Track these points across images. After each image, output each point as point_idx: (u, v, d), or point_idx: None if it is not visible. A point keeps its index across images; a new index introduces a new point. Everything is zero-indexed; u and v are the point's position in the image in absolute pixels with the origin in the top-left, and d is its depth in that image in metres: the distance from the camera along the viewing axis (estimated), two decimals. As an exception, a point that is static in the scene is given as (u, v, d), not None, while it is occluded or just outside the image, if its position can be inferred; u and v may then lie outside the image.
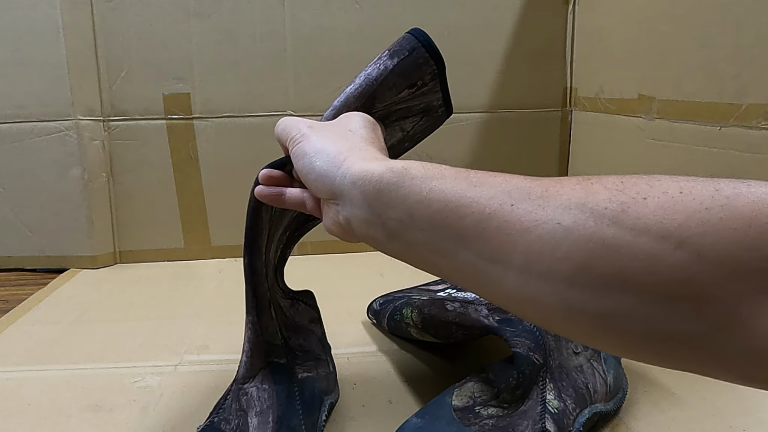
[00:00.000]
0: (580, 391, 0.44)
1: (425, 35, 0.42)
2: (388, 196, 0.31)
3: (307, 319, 0.50)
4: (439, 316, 0.54)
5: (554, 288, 0.25)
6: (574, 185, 0.25)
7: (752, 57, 0.56)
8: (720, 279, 0.21)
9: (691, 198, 0.22)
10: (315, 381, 0.46)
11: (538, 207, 0.25)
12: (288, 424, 0.41)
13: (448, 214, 0.28)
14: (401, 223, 0.30)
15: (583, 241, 0.24)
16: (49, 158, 0.87)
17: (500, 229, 0.26)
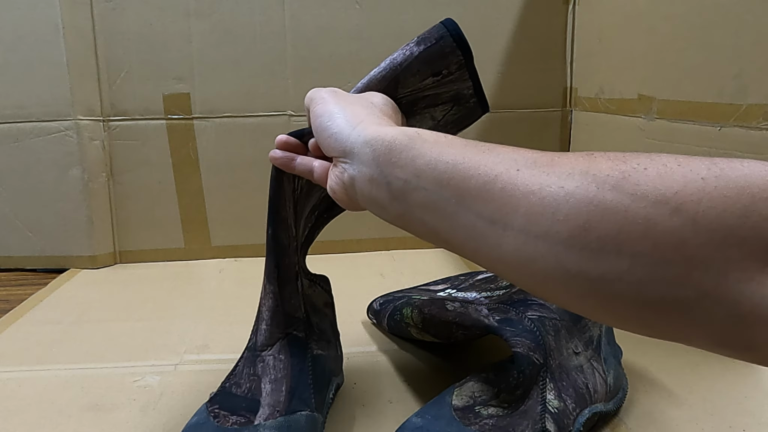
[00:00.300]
0: (580, 391, 0.44)
1: (455, 25, 0.43)
2: (398, 156, 0.32)
3: (322, 302, 0.52)
4: (439, 316, 0.54)
5: (551, 250, 0.25)
6: (579, 157, 0.26)
7: (752, 57, 0.56)
8: (711, 244, 0.22)
9: (688, 169, 0.23)
10: (326, 360, 0.48)
11: (542, 173, 0.26)
12: (300, 396, 0.43)
13: (454, 175, 0.29)
14: (407, 183, 0.31)
15: (583, 204, 0.24)
16: (49, 158, 0.87)
17: (504, 190, 0.27)
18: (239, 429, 0.40)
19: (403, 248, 0.98)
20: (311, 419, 0.43)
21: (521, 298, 0.49)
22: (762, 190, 0.22)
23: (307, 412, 0.42)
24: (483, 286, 0.59)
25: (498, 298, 0.52)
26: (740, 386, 0.53)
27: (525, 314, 0.46)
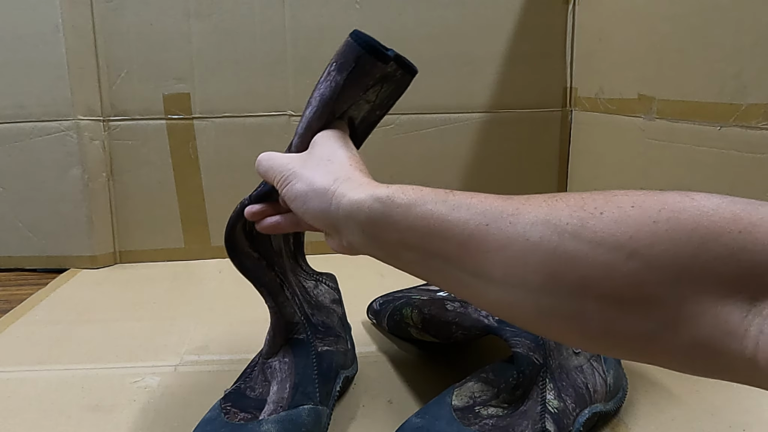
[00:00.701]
0: (580, 391, 0.44)
1: (366, 39, 0.42)
2: (380, 225, 0.34)
3: (329, 300, 0.55)
4: (439, 316, 0.54)
5: (528, 296, 0.28)
6: (541, 203, 0.29)
7: (752, 57, 0.56)
8: (666, 284, 0.24)
9: (641, 212, 0.25)
10: (333, 355, 0.50)
11: (509, 225, 0.29)
12: (303, 391, 0.45)
13: (433, 238, 0.31)
14: (395, 246, 0.34)
15: (548, 255, 0.27)
16: (49, 158, 0.87)
17: (479, 248, 0.29)
18: (245, 424, 0.42)
19: (403, 248, 0.97)
20: (314, 412, 0.44)
21: None
22: (709, 231, 0.24)
23: (310, 405, 0.44)
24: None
25: None
26: (740, 386, 0.53)
27: None
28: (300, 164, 0.40)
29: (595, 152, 0.89)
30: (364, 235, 0.35)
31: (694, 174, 0.65)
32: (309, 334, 0.49)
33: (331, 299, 0.55)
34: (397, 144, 0.94)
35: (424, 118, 0.94)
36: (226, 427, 0.42)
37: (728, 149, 0.59)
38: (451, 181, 0.96)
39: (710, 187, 0.62)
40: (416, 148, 0.95)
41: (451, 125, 0.94)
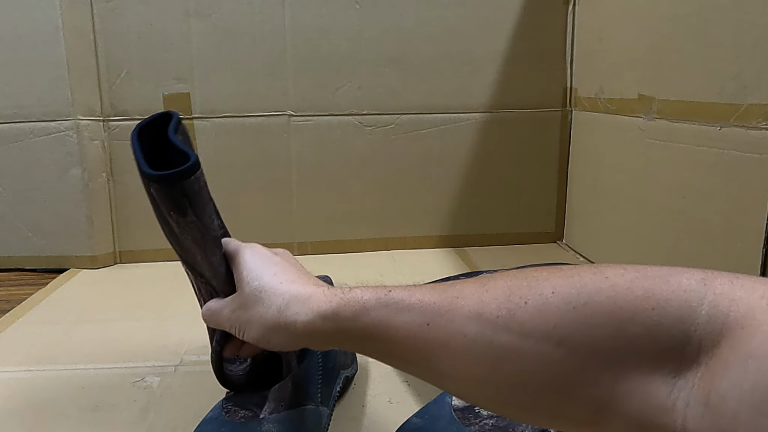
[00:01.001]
0: None
1: (149, 174, 0.43)
2: (336, 339, 0.36)
3: None
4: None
5: (476, 388, 0.30)
6: (473, 293, 0.30)
7: (752, 57, 0.56)
8: (595, 367, 0.25)
9: (560, 298, 0.27)
10: (336, 354, 0.50)
11: (448, 322, 0.30)
12: (305, 390, 0.44)
13: (381, 344, 0.33)
14: (356, 349, 0.37)
15: (485, 349, 0.28)
16: (49, 158, 0.87)
17: (424, 348, 0.31)
18: (245, 422, 0.42)
19: (403, 248, 0.97)
20: (315, 413, 0.44)
21: None
22: (625, 311, 0.25)
23: (311, 406, 0.44)
24: None
25: None
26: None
27: None
28: (242, 310, 0.40)
29: (595, 152, 0.89)
30: (327, 344, 0.38)
31: (694, 174, 0.65)
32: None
33: None
34: (397, 144, 0.94)
35: (424, 118, 0.94)
36: (226, 426, 0.41)
37: (728, 149, 0.59)
38: (452, 181, 0.96)
39: (710, 187, 0.62)
40: (416, 148, 0.95)
41: (451, 125, 0.94)
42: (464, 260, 0.92)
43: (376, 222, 0.96)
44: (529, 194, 0.99)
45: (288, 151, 0.92)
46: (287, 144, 0.92)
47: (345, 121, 0.92)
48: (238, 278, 0.42)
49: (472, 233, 0.99)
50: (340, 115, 0.92)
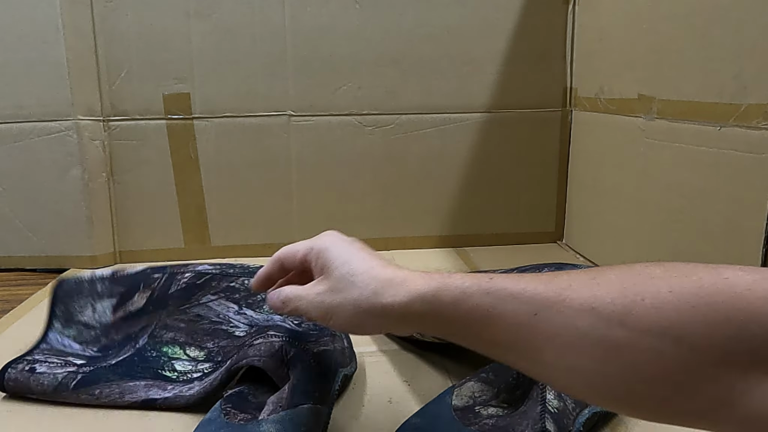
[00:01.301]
0: None
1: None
2: (431, 323, 0.36)
3: None
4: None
5: (580, 378, 0.30)
6: (584, 287, 0.30)
7: (752, 57, 0.56)
8: (713, 364, 0.26)
9: (678, 297, 0.27)
10: (332, 354, 0.50)
11: (557, 313, 0.30)
12: (303, 390, 0.44)
13: (482, 330, 0.33)
14: (448, 336, 0.36)
15: (598, 342, 0.28)
16: (49, 158, 0.87)
17: (528, 339, 0.31)
18: (244, 425, 0.42)
19: (403, 248, 0.98)
20: (314, 411, 0.44)
21: None
22: (746, 314, 0.25)
23: (309, 405, 0.44)
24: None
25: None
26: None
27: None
28: (330, 294, 0.39)
29: (595, 152, 0.89)
30: (419, 328, 0.38)
31: (694, 174, 0.65)
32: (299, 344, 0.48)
33: None
34: (397, 144, 0.94)
35: (424, 118, 0.94)
36: (225, 428, 0.42)
37: (728, 149, 0.59)
38: (451, 181, 0.96)
39: (710, 187, 0.62)
40: (416, 148, 0.95)
41: (451, 125, 0.95)
42: (464, 260, 0.92)
43: (376, 222, 0.96)
44: (529, 194, 0.98)
45: (288, 151, 0.92)
46: (287, 144, 0.92)
47: (345, 121, 0.92)
48: (323, 265, 0.42)
49: (472, 233, 0.99)
50: (340, 115, 0.92)
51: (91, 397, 0.50)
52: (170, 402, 0.49)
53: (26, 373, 0.51)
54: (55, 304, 0.59)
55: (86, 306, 0.59)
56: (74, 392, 0.50)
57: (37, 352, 0.55)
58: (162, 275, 0.60)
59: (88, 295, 0.59)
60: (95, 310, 0.58)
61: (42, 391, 0.50)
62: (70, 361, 0.53)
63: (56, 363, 0.53)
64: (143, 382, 0.50)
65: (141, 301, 0.58)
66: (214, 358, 0.54)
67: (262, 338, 0.48)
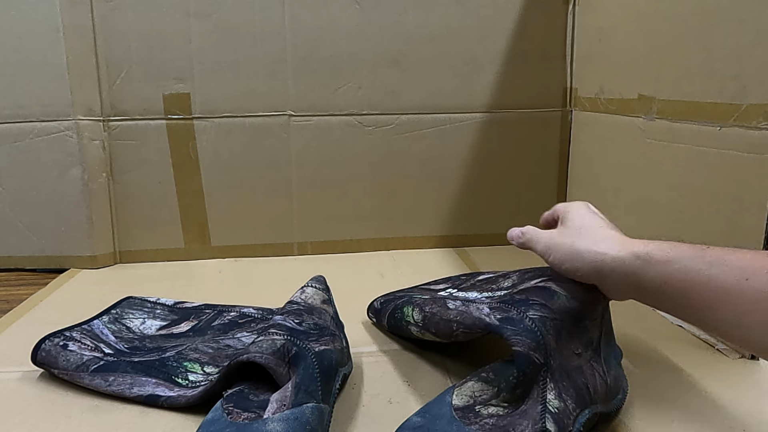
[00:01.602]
0: (580, 392, 0.44)
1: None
2: (640, 278, 0.40)
3: (320, 300, 0.56)
4: (440, 315, 0.54)
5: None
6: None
7: (752, 57, 0.56)
8: None
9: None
10: (332, 353, 0.50)
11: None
12: (306, 389, 0.45)
13: (690, 291, 0.36)
14: (654, 294, 0.40)
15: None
16: (49, 158, 0.87)
17: (738, 302, 0.33)
18: (249, 423, 0.42)
19: (403, 248, 0.98)
20: (318, 410, 0.44)
21: (523, 298, 0.49)
22: None
23: (313, 403, 0.44)
24: (484, 286, 0.59)
25: (499, 298, 0.52)
26: (740, 386, 0.53)
27: (526, 314, 0.46)
28: (559, 237, 0.48)
29: (595, 152, 0.89)
30: (626, 285, 0.42)
31: (694, 174, 0.65)
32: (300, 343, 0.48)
33: (321, 300, 0.57)
34: (397, 144, 0.94)
35: (424, 118, 0.94)
36: (230, 427, 0.41)
37: (728, 149, 0.59)
38: (451, 181, 0.96)
39: (710, 187, 0.62)
40: (416, 148, 0.95)
41: (451, 125, 0.95)
42: (464, 260, 0.92)
43: (376, 222, 0.97)
44: (529, 194, 0.99)
45: (288, 151, 0.92)
46: (287, 144, 0.92)
47: (345, 121, 0.92)
48: (563, 218, 0.50)
49: (472, 233, 0.99)
50: (340, 115, 0.92)
51: (104, 382, 0.52)
52: (172, 401, 0.50)
53: (59, 348, 0.55)
54: (113, 307, 0.69)
55: (138, 318, 0.67)
56: (91, 375, 0.53)
57: (76, 330, 0.60)
58: (212, 311, 0.69)
59: (146, 313, 0.68)
60: (144, 323, 0.66)
61: (65, 367, 0.54)
62: (100, 347, 0.57)
63: (88, 345, 0.57)
64: (154, 380, 0.52)
65: (185, 327, 0.65)
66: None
67: (263, 336, 0.48)
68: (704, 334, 0.63)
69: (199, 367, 0.54)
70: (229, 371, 0.48)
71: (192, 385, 0.52)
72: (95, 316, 0.65)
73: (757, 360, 0.58)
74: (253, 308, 0.69)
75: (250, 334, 0.61)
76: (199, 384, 0.52)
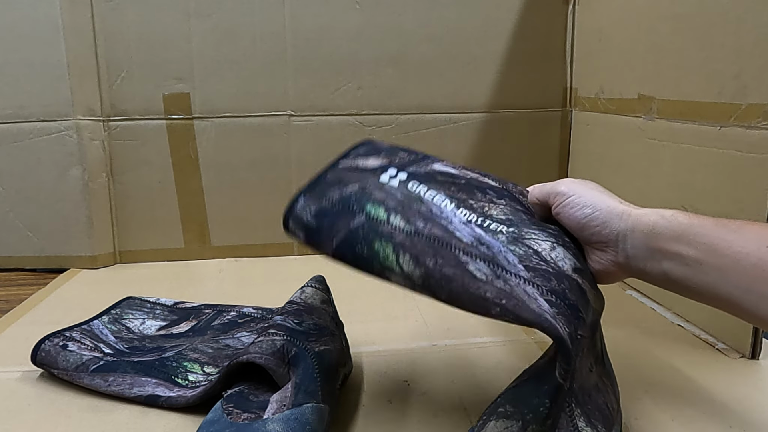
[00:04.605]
0: (604, 413, 0.41)
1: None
2: (663, 237, 0.39)
3: (319, 300, 0.56)
4: (462, 283, 0.38)
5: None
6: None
7: (752, 57, 0.56)
8: None
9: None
10: (332, 353, 0.50)
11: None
12: (306, 389, 0.44)
13: (710, 253, 0.36)
14: (672, 260, 0.39)
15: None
16: (49, 158, 0.87)
17: (756, 265, 0.34)
18: (249, 423, 0.42)
19: (403, 248, 0.97)
20: (318, 410, 0.44)
21: (573, 301, 0.39)
22: None
23: (313, 403, 0.44)
24: (457, 196, 0.47)
25: (544, 278, 0.39)
26: (740, 386, 0.53)
27: (578, 331, 0.38)
28: (578, 186, 0.45)
29: (595, 152, 0.89)
30: (645, 247, 0.40)
31: (694, 174, 0.65)
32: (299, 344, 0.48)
33: (321, 300, 0.57)
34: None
35: (424, 118, 0.94)
36: (231, 427, 0.41)
37: (728, 149, 0.59)
38: (451, 181, 0.96)
39: (710, 187, 0.62)
40: (416, 148, 0.94)
41: (451, 125, 0.95)
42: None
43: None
44: (529, 194, 0.98)
45: (288, 151, 0.92)
46: (287, 144, 0.92)
47: (345, 121, 0.92)
48: (583, 182, 0.47)
49: (472, 233, 0.99)
50: (340, 115, 0.92)
51: (104, 382, 0.52)
52: (172, 401, 0.50)
53: (59, 348, 0.55)
54: (113, 307, 0.69)
55: (138, 318, 0.67)
56: (91, 375, 0.53)
57: (76, 330, 0.60)
58: (212, 311, 0.69)
59: (145, 313, 0.68)
60: (144, 323, 0.66)
61: (65, 368, 0.54)
62: (100, 347, 0.58)
63: (87, 345, 0.57)
64: (154, 380, 0.52)
65: (185, 327, 0.65)
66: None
67: (263, 337, 0.48)
68: (704, 334, 0.63)
69: (198, 367, 0.54)
70: (229, 372, 0.48)
71: (192, 385, 0.52)
72: (95, 317, 0.65)
73: (757, 359, 0.58)
74: (253, 308, 0.69)
75: (249, 334, 0.61)
76: (198, 384, 0.52)
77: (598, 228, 0.42)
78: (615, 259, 0.43)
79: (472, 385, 0.54)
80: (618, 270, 0.43)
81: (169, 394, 0.50)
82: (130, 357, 0.56)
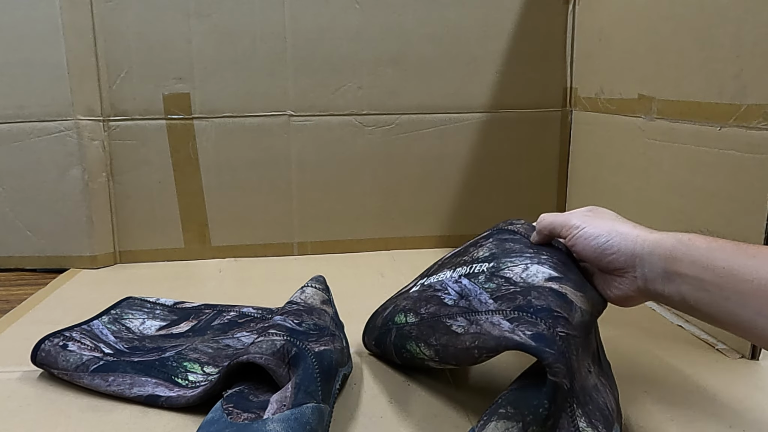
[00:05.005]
0: (604, 413, 0.41)
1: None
2: (681, 261, 0.39)
3: (320, 301, 0.56)
4: (452, 345, 0.46)
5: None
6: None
7: (752, 57, 0.56)
8: None
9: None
10: (332, 353, 0.50)
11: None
12: (306, 389, 0.45)
13: (730, 279, 0.36)
14: (690, 284, 0.39)
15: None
16: (49, 158, 0.87)
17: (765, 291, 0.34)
18: (249, 423, 0.42)
19: (403, 248, 0.98)
20: (318, 410, 0.44)
21: (544, 305, 0.42)
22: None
23: (313, 403, 0.44)
24: (454, 260, 0.53)
25: (510, 300, 0.43)
26: (740, 386, 0.53)
27: (555, 329, 0.40)
28: (593, 216, 0.46)
29: (595, 152, 0.89)
30: (663, 271, 0.40)
31: (694, 174, 0.65)
32: (299, 344, 0.48)
33: (321, 300, 0.57)
34: (397, 144, 0.94)
35: (424, 118, 0.94)
36: (230, 427, 0.41)
37: (728, 149, 0.59)
38: (451, 181, 0.96)
39: (710, 187, 0.62)
40: (416, 148, 0.95)
41: (451, 125, 0.95)
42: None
43: (376, 222, 0.97)
44: (529, 194, 0.99)
45: (288, 151, 0.92)
46: (287, 144, 0.92)
47: (345, 121, 0.92)
48: (594, 209, 0.48)
49: (472, 233, 0.99)
50: (340, 115, 0.92)
51: (104, 382, 0.52)
52: (172, 401, 0.50)
53: (58, 348, 0.55)
54: (113, 307, 0.69)
55: (138, 318, 0.67)
56: (91, 375, 0.53)
57: (76, 330, 0.60)
58: (212, 311, 0.69)
59: (145, 313, 0.68)
60: (144, 323, 0.66)
61: (65, 368, 0.54)
62: (100, 347, 0.58)
63: (87, 345, 0.57)
64: (154, 380, 0.52)
65: (185, 327, 0.65)
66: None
67: (263, 337, 0.48)
68: (704, 334, 0.63)
69: (198, 367, 0.54)
70: (229, 372, 0.48)
71: (192, 385, 0.52)
72: (95, 317, 0.65)
73: (757, 360, 0.58)
74: (253, 308, 0.69)
75: (249, 334, 0.61)
76: (198, 384, 0.52)
77: (614, 255, 0.43)
78: (634, 284, 0.43)
79: (472, 385, 0.54)
80: (638, 294, 0.43)
81: (169, 394, 0.50)
82: (130, 357, 0.56)
